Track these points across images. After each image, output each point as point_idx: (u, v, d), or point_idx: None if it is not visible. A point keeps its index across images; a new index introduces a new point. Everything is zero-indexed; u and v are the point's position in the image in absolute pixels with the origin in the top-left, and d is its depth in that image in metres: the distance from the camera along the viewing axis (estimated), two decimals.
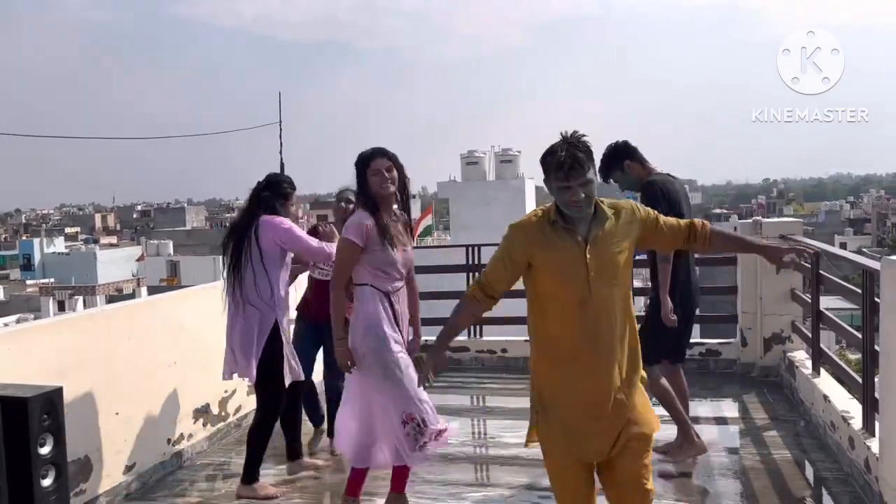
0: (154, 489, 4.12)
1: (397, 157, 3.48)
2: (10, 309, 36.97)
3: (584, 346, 2.44)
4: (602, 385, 2.44)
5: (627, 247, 2.49)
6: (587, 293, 2.41)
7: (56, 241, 59.23)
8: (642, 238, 2.56)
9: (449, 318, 2.73)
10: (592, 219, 2.45)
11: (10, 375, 3.23)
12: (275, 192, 3.99)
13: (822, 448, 4.37)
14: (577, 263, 2.42)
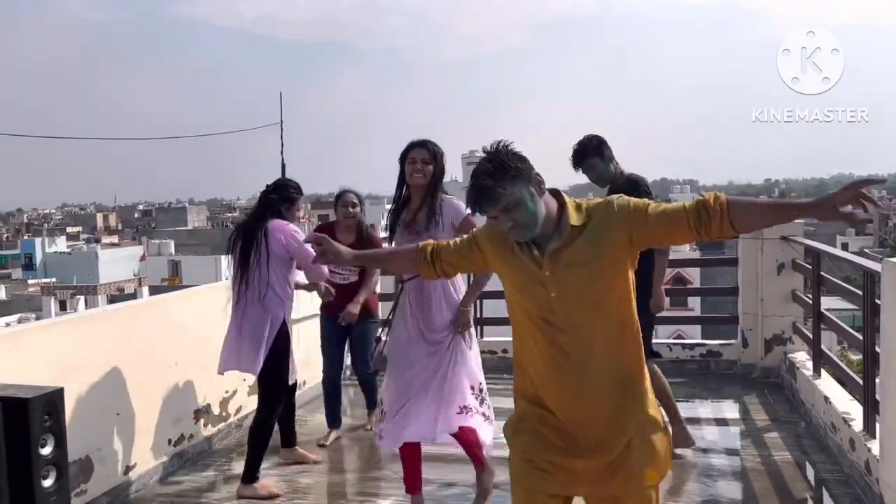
0: (155, 490, 4.13)
1: (438, 152, 3.57)
2: (11, 308, 37.01)
3: (550, 374, 2.11)
4: (572, 420, 2.10)
5: (610, 257, 2.05)
6: (550, 314, 2.07)
7: (58, 241, 59.28)
8: (636, 238, 2.05)
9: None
10: (555, 230, 2.07)
11: (11, 376, 3.24)
12: (281, 196, 4.07)
13: (822, 449, 4.37)
14: (535, 282, 2.08)
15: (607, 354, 2.08)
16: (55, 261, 52.33)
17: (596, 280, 2.05)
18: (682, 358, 6.31)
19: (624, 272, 2.09)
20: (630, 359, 2.11)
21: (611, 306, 2.08)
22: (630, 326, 2.11)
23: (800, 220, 8.36)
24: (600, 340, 2.07)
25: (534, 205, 2.04)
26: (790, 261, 5.85)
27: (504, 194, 2.01)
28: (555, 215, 2.08)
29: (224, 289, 5.89)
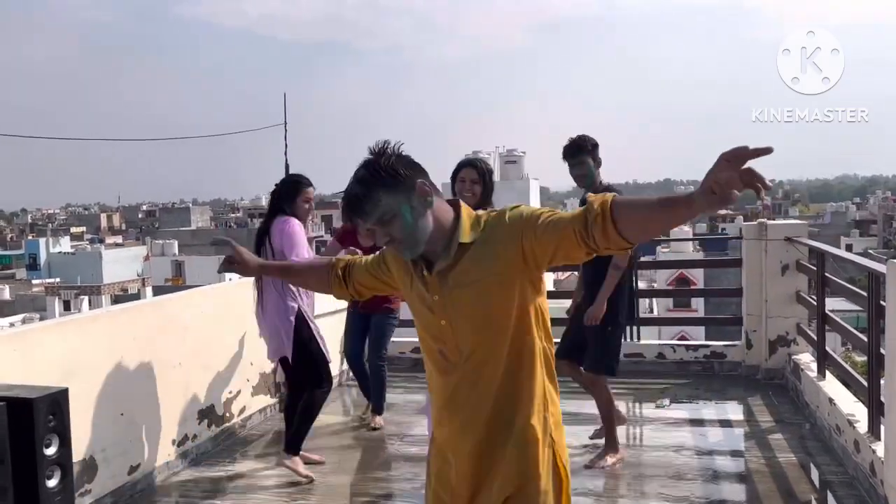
0: (159, 490, 4.13)
1: (486, 170, 3.78)
2: (15, 308, 37.10)
3: (445, 412, 1.88)
4: (462, 469, 1.84)
5: (500, 275, 1.75)
6: (444, 346, 1.84)
7: (62, 241, 59.40)
8: (528, 253, 1.72)
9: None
10: (446, 247, 1.81)
11: (16, 376, 3.25)
12: (285, 192, 4.25)
13: (827, 451, 4.36)
14: (426, 307, 1.85)
15: (504, 396, 1.79)
16: (59, 261, 52.43)
17: (484, 303, 1.77)
18: (685, 359, 6.30)
19: (522, 294, 1.77)
20: (529, 402, 1.81)
21: (504, 336, 1.78)
22: (534, 365, 1.81)
23: (804, 220, 8.38)
24: (505, 377, 1.79)
25: (413, 218, 1.76)
26: (794, 262, 5.84)
27: (376, 205, 1.75)
28: (448, 230, 1.80)
29: (228, 289, 5.90)
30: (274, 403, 5.48)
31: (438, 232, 1.80)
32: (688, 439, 4.72)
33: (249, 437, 5.00)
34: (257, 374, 5.27)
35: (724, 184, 1.42)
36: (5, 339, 3.56)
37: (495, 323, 1.78)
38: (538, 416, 1.82)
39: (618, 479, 4.15)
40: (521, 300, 1.78)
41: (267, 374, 5.38)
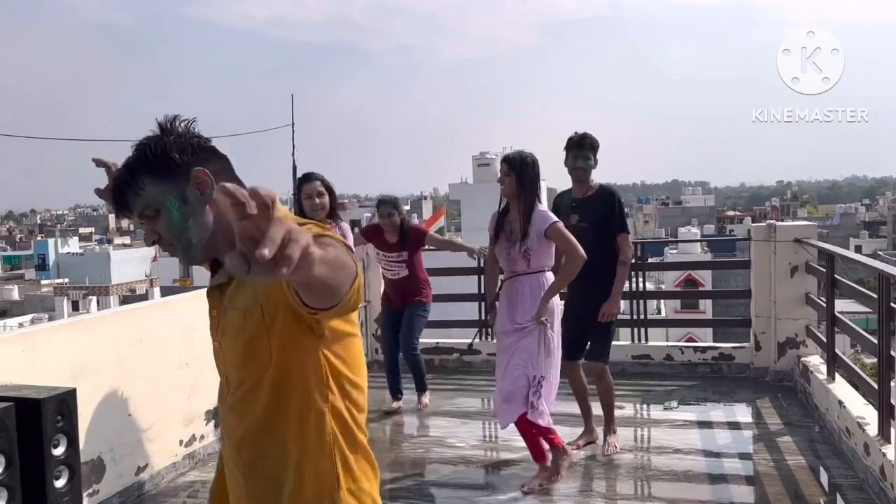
0: (166, 491, 4.14)
1: (516, 162, 4.00)
2: (25, 308, 37.33)
3: (227, 457, 1.57)
4: None
5: (271, 308, 1.38)
6: (218, 367, 1.57)
7: (70, 242, 59.69)
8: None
9: None
10: None
11: (24, 377, 3.27)
12: (296, 191, 4.39)
13: (836, 454, 4.33)
14: (210, 323, 1.58)
15: (264, 454, 1.46)
16: (68, 261, 52.70)
17: (246, 333, 1.42)
18: (693, 361, 6.28)
19: (286, 333, 1.38)
20: (301, 473, 1.44)
21: (262, 381, 1.42)
22: (307, 429, 1.43)
23: (813, 222, 8.35)
24: (253, 429, 1.46)
25: (181, 215, 1.42)
26: (804, 263, 5.81)
27: (137, 194, 1.43)
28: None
29: None
30: None
31: (226, 237, 1.42)
32: (696, 441, 4.70)
33: None
34: None
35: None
36: (14, 340, 3.57)
37: (257, 361, 1.42)
38: (317, 492, 1.45)
39: (625, 480, 4.14)
40: (283, 340, 1.39)
41: None
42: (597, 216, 4.27)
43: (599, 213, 4.28)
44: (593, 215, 4.27)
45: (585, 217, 4.28)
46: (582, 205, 4.33)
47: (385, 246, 5.24)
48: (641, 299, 6.59)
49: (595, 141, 4.34)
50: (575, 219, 4.27)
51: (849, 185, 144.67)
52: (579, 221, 4.26)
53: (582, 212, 4.30)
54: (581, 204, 4.33)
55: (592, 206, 4.30)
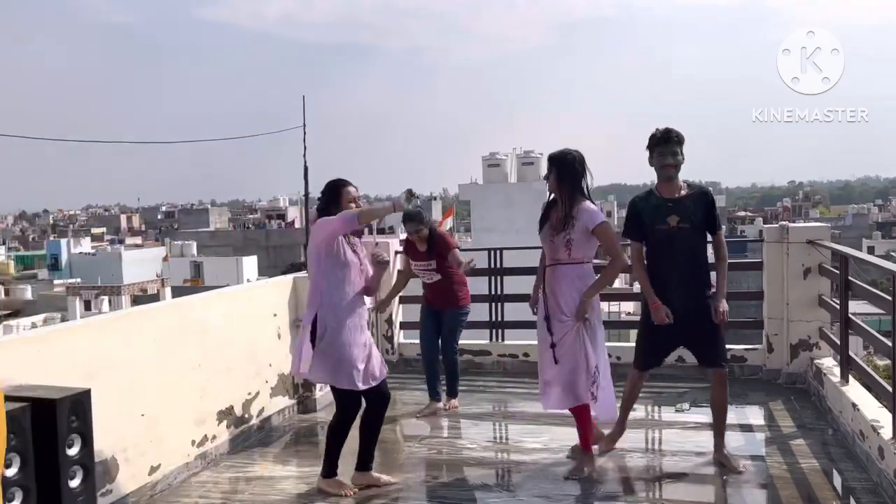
0: (178, 490, 4.16)
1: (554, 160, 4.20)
2: (37, 308, 37.58)
3: None
4: None
5: None
6: None
7: (83, 242, 60.10)
8: None
9: None
10: None
11: (39, 377, 3.29)
12: (328, 198, 4.04)
13: (850, 457, 4.30)
14: None
15: None
16: (80, 261, 53.03)
17: None
18: None
19: None
20: None
21: None
22: None
23: (825, 222, 8.23)
24: None
25: None
26: (816, 265, 5.77)
27: None
28: None
29: (247, 290, 5.93)
30: (292, 405, 5.50)
31: None
32: (708, 444, 4.67)
33: (268, 438, 5.03)
34: (276, 376, 5.29)
35: None
36: (28, 341, 3.60)
37: None
38: None
39: (638, 482, 4.13)
40: None
41: (285, 376, 5.40)
42: (698, 217, 4.09)
43: (699, 213, 4.09)
44: (694, 216, 4.08)
45: (686, 218, 4.07)
46: (679, 205, 4.10)
47: (417, 255, 5.48)
48: None
49: (680, 135, 4.13)
50: (675, 220, 4.07)
51: (861, 186, 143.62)
52: (680, 223, 4.07)
53: (681, 212, 4.08)
54: (678, 204, 4.10)
55: (691, 206, 4.10)
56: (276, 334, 5.32)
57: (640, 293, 4.38)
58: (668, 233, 4.06)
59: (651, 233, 4.15)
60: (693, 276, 4.10)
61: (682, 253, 4.08)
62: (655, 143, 4.11)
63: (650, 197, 4.20)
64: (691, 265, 4.09)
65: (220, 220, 77.51)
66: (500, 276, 6.78)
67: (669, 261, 4.13)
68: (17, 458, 2.79)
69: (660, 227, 4.07)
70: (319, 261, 3.91)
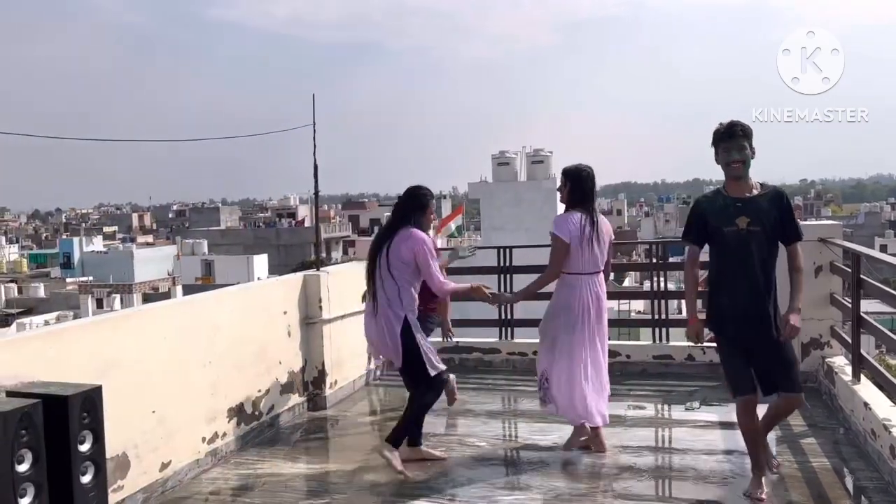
0: (189, 487, 4.18)
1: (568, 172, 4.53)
2: (50, 306, 37.88)
3: None
4: None
5: None
6: None
7: (95, 240, 60.46)
8: None
9: None
10: None
11: (51, 374, 3.31)
12: (414, 205, 4.34)
13: (862, 456, 4.28)
14: None
15: None
16: (92, 260, 53.35)
17: None
18: (715, 361, 6.18)
19: None
20: None
21: None
22: None
23: (837, 221, 8.22)
24: None
25: None
26: (828, 263, 5.73)
27: None
28: None
29: (257, 288, 5.95)
30: (303, 402, 5.52)
31: None
32: (718, 442, 4.66)
33: (278, 436, 5.04)
34: (286, 373, 5.31)
35: None
36: (41, 338, 3.62)
37: None
38: None
39: (647, 481, 4.12)
40: None
41: (296, 373, 5.42)
42: (771, 220, 3.65)
43: (773, 215, 3.65)
44: (766, 218, 3.65)
45: (758, 220, 3.64)
46: (750, 206, 3.66)
47: None
48: (662, 299, 6.54)
49: (746, 127, 3.71)
50: (745, 222, 3.65)
51: (874, 184, 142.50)
52: (750, 225, 3.65)
53: (751, 214, 3.65)
54: (748, 205, 3.66)
55: (763, 207, 3.66)
56: (287, 332, 5.34)
57: (648, 292, 4.36)
58: (738, 235, 3.64)
59: (718, 236, 3.73)
60: (765, 285, 3.68)
61: (752, 258, 3.65)
62: (719, 139, 3.70)
63: (717, 197, 3.79)
64: (763, 272, 3.67)
65: (231, 218, 77.79)
66: (510, 274, 6.78)
67: (739, 267, 3.69)
68: (29, 454, 2.81)
69: (728, 229, 3.66)
70: (402, 266, 4.22)
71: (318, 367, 5.60)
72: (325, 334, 5.60)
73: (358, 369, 6.15)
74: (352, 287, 5.93)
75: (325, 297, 5.60)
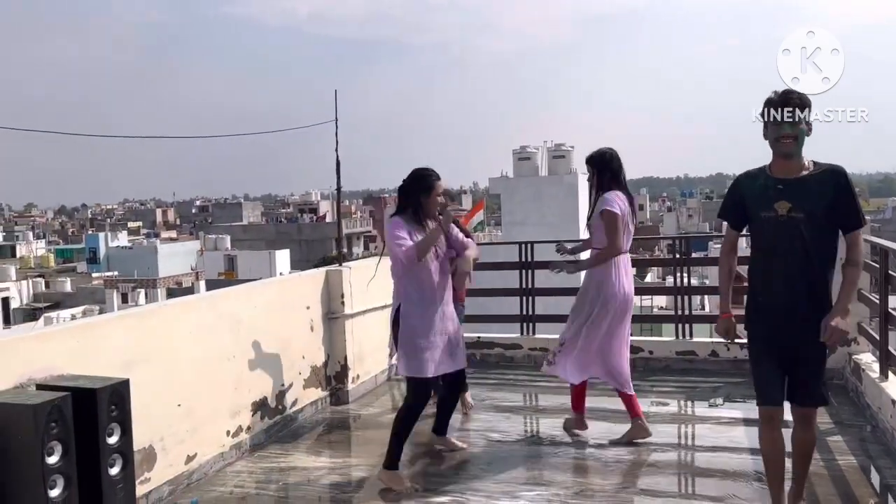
0: (214, 479, 4.23)
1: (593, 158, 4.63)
2: (76, 301, 38.44)
3: None
4: None
5: None
6: None
7: (120, 236, 61.30)
8: None
9: None
10: None
11: (80, 367, 3.37)
12: (419, 187, 4.06)
13: (888, 454, 4.22)
14: None
15: None
16: (117, 255, 54.11)
17: None
18: (739, 357, 6.16)
19: None
20: None
21: None
22: None
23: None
24: None
25: None
26: None
27: None
28: None
29: (280, 283, 5.99)
30: (325, 396, 5.55)
31: None
32: (742, 439, 4.62)
33: (301, 430, 5.08)
34: (309, 368, 5.35)
35: None
36: (70, 332, 3.68)
37: None
38: None
39: (670, 477, 4.10)
40: None
41: (318, 368, 5.46)
42: (821, 205, 3.09)
43: (821, 200, 3.10)
44: (812, 203, 3.10)
45: (800, 205, 3.10)
46: (793, 188, 3.13)
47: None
48: (685, 295, 6.50)
49: (805, 97, 3.17)
50: (785, 207, 3.12)
51: None
52: (791, 211, 3.11)
53: (794, 197, 3.12)
54: (792, 187, 3.13)
55: (812, 190, 3.11)
56: (309, 327, 5.38)
57: (672, 288, 4.34)
58: (775, 222, 3.14)
59: (754, 221, 3.25)
60: (806, 281, 3.15)
61: (790, 251, 3.13)
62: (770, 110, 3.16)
63: (759, 175, 3.25)
64: (805, 266, 3.14)
65: (254, 214, 78.39)
66: (531, 269, 6.76)
67: (776, 258, 3.19)
68: (59, 447, 2.86)
69: (765, 215, 3.17)
70: (393, 255, 4.02)
71: (340, 362, 5.63)
72: (347, 329, 5.63)
73: (380, 364, 6.18)
74: (374, 282, 5.96)
75: (348, 292, 5.63)
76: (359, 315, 5.73)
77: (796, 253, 3.13)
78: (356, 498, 4.01)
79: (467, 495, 3.93)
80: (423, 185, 4.05)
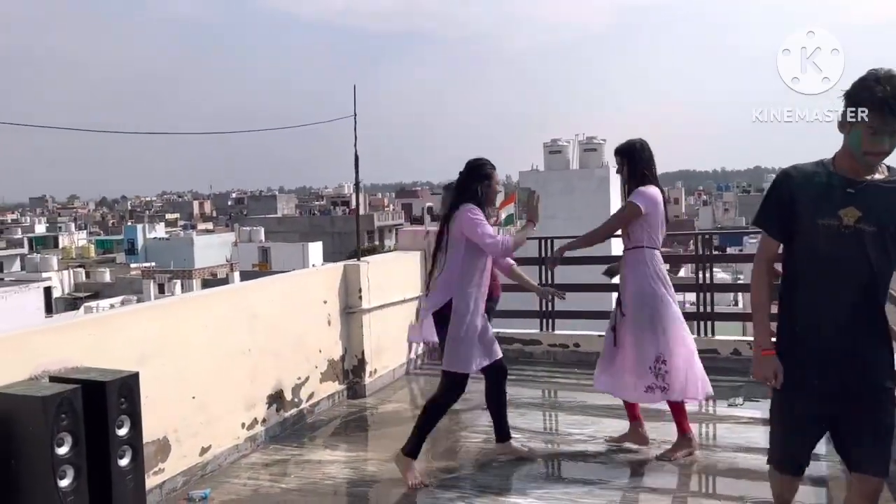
0: (228, 471, 4.28)
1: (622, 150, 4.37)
2: (115, 291, 39.26)
3: None
4: None
5: None
6: None
7: (157, 227, 62.41)
8: None
9: None
10: None
11: (95, 360, 3.43)
12: (476, 176, 4.07)
13: None
14: None
15: None
16: (155, 246, 55.09)
17: None
18: None
19: None
20: None
21: None
22: None
23: None
24: None
25: None
26: None
27: None
28: None
29: (297, 277, 6.03)
30: (342, 390, 5.58)
31: None
32: (761, 439, 4.53)
33: (317, 423, 5.12)
34: (325, 361, 5.38)
35: None
36: (86, 325, 3.76)
37: None
38: None
39: (688, 477, 4.04)
40: None
41: (335, 362, 5.49)
42: (893, 219, 2.44)
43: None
44: (889, 215, 2.43)
45: (873, 216, 2.43)
46: (867, 193, 2.44)
47: None
48: (708, 292, 6.39)
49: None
50: (853, 215, 2.43)
51: None
52: (860, 221, 2.42)
53: (867, 205, 2.43)
54: (865, 192, 2.44)
55: (889, 199, 2.44)
56: (326, 321, 5.41)
57: (694, 284, 4.25)
58: (838, 233, 2.44)
59: (808, 229, 2.49)
60: (869, 312, 2.49)
61: (853, 272, 2.45)
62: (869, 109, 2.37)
63: (819, 171, 2.51)
64: (868, 293, 2.47)
65: (288, 206, 79.23)
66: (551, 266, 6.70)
67: (828, 280, 2.49)
68: (69, 438, 2.92)
69: (824, 223, 2.45)
70: (460, 249, 3.96)
71: (357, 356, 5.66)
72: (364, 323, 5.65)
73: (398, 359, 6.19)
74: (393, 277, 5.97)
75: (365, 286, 5.64)
76: (376, 310, 5.75)
77: (861, 275, 2.45)
78: (370, 492, 4.02)
79: (479, 490, 3.92)
80: (481, 174, 4.07)
